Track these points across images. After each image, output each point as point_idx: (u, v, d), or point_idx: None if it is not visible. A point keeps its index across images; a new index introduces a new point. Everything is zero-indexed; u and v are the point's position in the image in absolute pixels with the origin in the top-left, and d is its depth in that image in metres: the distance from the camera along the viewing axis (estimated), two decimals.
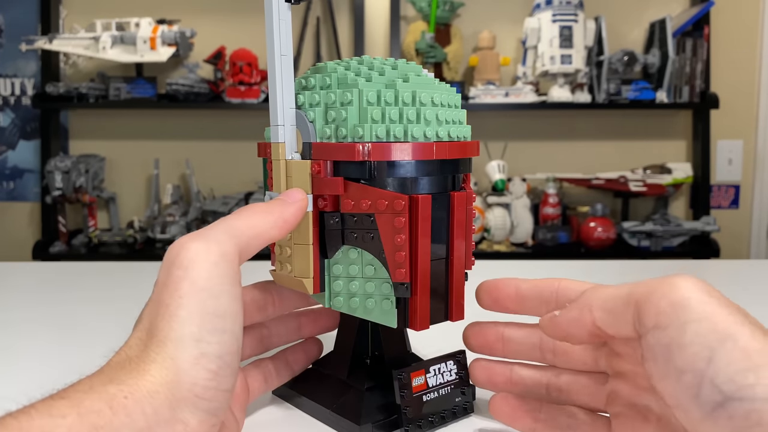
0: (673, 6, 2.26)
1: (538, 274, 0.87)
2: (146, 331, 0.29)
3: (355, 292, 0.36)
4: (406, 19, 2.25)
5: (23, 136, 2.29)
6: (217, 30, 2.20)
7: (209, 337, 0.28)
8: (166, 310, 0.28)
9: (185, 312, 0.28)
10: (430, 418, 0.37)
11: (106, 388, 0.26)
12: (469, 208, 0.37)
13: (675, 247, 2.14)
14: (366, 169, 0.34)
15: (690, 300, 0.27)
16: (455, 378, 0.38)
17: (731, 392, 0.25)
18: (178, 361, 0.27)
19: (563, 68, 2.04)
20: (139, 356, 0.28)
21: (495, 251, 2.09)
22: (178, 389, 0.27)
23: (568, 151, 2.31)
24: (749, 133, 2.33)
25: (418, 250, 0.34)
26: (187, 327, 0.28)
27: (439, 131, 0.35)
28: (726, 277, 0.84)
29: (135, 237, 2.14)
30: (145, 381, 0.27)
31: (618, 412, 0.33)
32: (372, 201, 0.34)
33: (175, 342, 0.28)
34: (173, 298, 0.28)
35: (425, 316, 0.35)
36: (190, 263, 0.29)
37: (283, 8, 0.34)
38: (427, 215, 0.34)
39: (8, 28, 2.25)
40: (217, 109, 2.23)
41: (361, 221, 0.34)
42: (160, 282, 0.30)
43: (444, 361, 0.38)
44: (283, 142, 0.35)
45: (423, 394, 0.37)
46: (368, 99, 0.34)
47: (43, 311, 0.64)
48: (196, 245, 0.30)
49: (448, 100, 0.37)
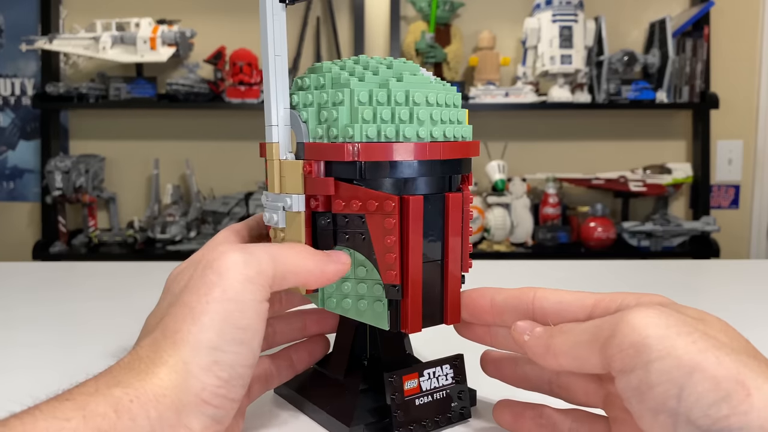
0: (673, 6, 2.26)
1: (538, 274, 0.87)
2: (161, 330, 0.29)
3: (348, 293, 0.35)
4: (406, 19, 2.25)
5: (23, 136, 2.29)
6: (217, 30, 2.20)
7: (226, 347, 0.28)
8: (190, 313, 0.28)
9: (208, 318, 0.28)
10: (423, 422, 0.36)
11: (111, 390, 0.26)
12: (466, 209, 0.36)
13: (675, 247, 2.14)
14: (356, 169, 0.33)
15: (650, 339, 0.27)
16: (451, 382, 0.38)
17: (707, 426, 0.24)
18: (190, 365, 0.27)
19: (563, 68, 2.04)
20: (150, 357, 0.28)
21: (495, 251, 2.09)
22: (185, 393, 0.27)
23: (568, 151, 2.31)
24: (749, 133, 2.33)
25: (410, 252, 0.33)
26: (206, 333, 0.28)
27: (433, 131, 0.35)
28: (726, 277, 0.84)
29: (135, 237, 2.15)
30: (153, 384, 0.27)
31: (616, 415, 0.33)
32: (362, 202, 0.34)
33: (191, 346, 0.28)
34: (200, 302, 0.28)
35: (417, 319, 0.34)
36: (226, 271, 0.29)
37: (278, 9, 0.35)
38: (419, 216, 0.34)
39: (8, 28, 2.25)
40: (217, 109, 2.23)
41: (353, 222, 0.34)
42: (189, 284, 0.30)
43: (440, 365, 0.37)
44: (277, 142, 0.35)
45: (416, 398, 0.36)
46: (359, 99, 0.33)
47: (43, 311, 0.64)
48: (236, 256, 0.30)
49: (446, 100, 0.36)
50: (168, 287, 0.35)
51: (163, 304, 0.34)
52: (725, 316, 0.30)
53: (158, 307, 0.35)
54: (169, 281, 0.36)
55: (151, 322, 0.33)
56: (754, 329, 0.58)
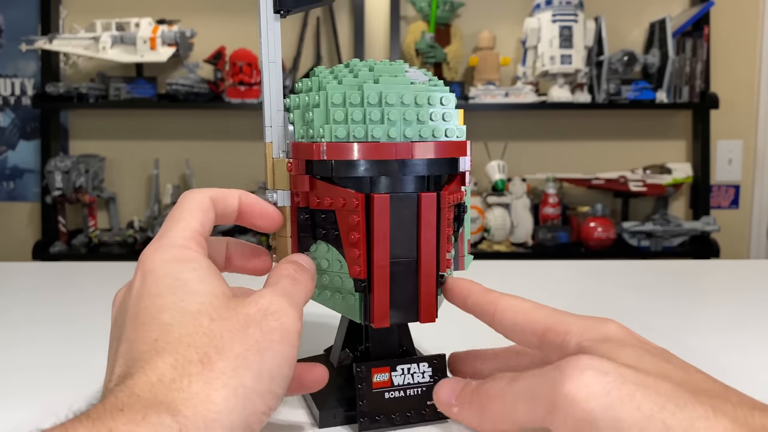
0: (673, 6, 2.26)
1: (538, 274, 0.87)
2: (215, 351, 0.28)
3: (327, 285, 0.37)
4: (406, 19, 2.25)
5: (23, 136, 2.30)
6: (217, 30, 2.20)
7: (281, 378, 0.29)
8: (255, 344, 0.29)
9: (270, 353, 0.29)
10: (393, 415, 0.37)
11: (161, 419, 0.25)
12: (444, 210, 0.36)
13: (675, 247, 2.14)
14: (328, 167, 0.36)
15: (594, 413, 0.26)
16: (429, 381, 0.38)
17: None
18: (250, 390, 0.28)
19: (563, 68, 2.04)
20: (201, 375, 0.27)
21: (495, 251, 2.09)
22: (238, 417, 0.27)
23: (568, 151, 2.31)
24: (749, 133, 2.33)
25: (374, 249, 0.35)
26: (270, 362, 0.29)
27: (406, 131, 0.35)
28: (726, 277, 0.84)
29: (135, 237, 2.15)
30: (206, 408, 0.26)
31: None
32: (332, 199, 0.36)
33: (255, 373, 0.28)
34: (265, 338, 0.29)
35: (383, 314, 0.36)
36: (289, 326, 0.30)
37: (271, 19, 0.37)
38: (384, 214, 0.35)
39: (8, 28, 2.25)
40: (217, 109, 2.23)
41: (328, 218, 0.36)
42: (248, 320, 0.30)
43: (417, 363, 0.38)
44: (271, 141, 0.38)
45: (385, 391, 0.37)
46: (333, 101, 0.35)
47: (43, 311, 0.64)
48: (294, 314, 0.31)
49: (428, 100, 0.36)
50: (120, 315, 0.33)
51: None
52: (725, 316, 0.30)
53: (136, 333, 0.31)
54: (116, 310, 0.35)
55: (141, 348, 0.30)
56: (754, 329, 0.58)
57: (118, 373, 0.28)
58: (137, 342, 0.29)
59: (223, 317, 0.30)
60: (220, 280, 0.32)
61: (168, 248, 0.32)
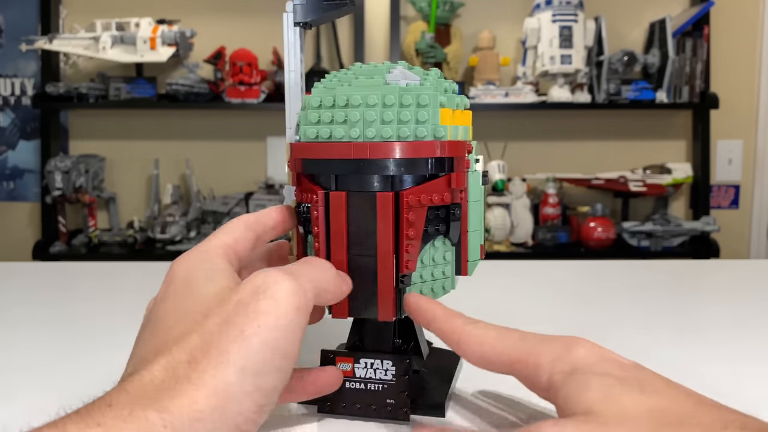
0: (673, 6, 2.26)
1: (537, 274, 0.87)
2: (202, 349, 0.28)
3: None
4: (406, 19, 2.25)
5: (23, 136, 2.30)
6: (217, 30, 2.20)
7: (270, 373, 0.28)
8: (240, 335, 0.28)
9: (258, 343, 0.28)
10: (353, 405, 0.38)
11: (147, 414, 0.25)
12: (404, 209, 0.36)
13: (675, 247, 2.14)
14: (307, 165, 0.38)
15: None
16: (390, 379, 0.38)
17: None
18: (232, 389, 0.27)
19: (563, 68, 2.04)
20: (188, 376, 0.27)
21: (495, 251, 2.09)
22: (222, 418, 0.27)
23: (568, 151, 2.31)
24: (749, 133, 2.33)
25: (331, 243, 0.37)
26: (253, 358, 0.28)
27: (367, 132, 0.36)
28: (726, 277, 0.84)
29: (135, 237, 2.15)
30: (189, 408, 0.26)
31: None
32: (306, 194, 0.38)
33: (237, 369, 0.27)
34: (251, 325, 0.28)
35: (342, 307, 0.37)
36: (282, 299, 0.29)
37: (292, 31, 0.41)
38: (341, 211, 0.36)
39: (8, 28, 2.26)
40: (217, 109, 2.23)
41: (308, 211, 0.39)
42: (237, 307, 0.29)
43: (380, 359, 0.38)
44: (289, 142, 0.41)
45: (347, 381, 0.38)
46: (311, 103, 0.38)
47: (43, 311, 0.64)
48: (289, 285, 0.30)
49: (401, 101, 0.36)
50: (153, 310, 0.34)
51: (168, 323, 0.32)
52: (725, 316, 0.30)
53: (158, 327, 0.32)
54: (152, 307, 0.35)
55: (153, 341, 0.31)
56: (754, 329, 0.58)
57: (124, 374, 0.29)
58: (145, 345, 0.31)
59: (215, 312, 0.30)
60: (229, 277, 0.32)
61: (192, 255, 0.34)
